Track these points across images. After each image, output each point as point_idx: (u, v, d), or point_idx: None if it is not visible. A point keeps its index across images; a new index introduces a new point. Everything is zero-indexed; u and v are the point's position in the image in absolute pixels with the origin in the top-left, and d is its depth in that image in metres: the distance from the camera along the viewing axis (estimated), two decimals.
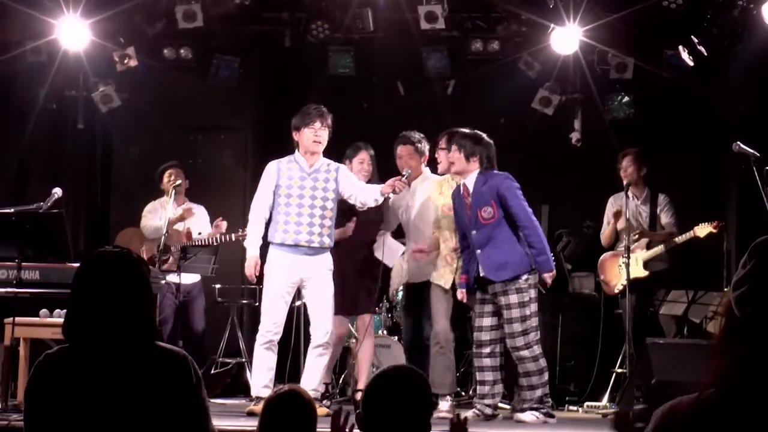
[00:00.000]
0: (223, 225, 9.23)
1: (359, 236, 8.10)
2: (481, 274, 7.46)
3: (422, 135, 8.34)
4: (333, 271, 7.60)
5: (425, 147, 8.31)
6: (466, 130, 7.68)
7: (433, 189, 8.13)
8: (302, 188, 7.53)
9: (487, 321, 7.48)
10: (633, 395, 7.68)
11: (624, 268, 8.62)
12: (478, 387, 7.59)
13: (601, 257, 9.22)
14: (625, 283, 8.64)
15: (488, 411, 7.45)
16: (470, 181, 7.52)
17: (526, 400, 7.42)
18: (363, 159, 8.09)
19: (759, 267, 1.99)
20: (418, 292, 8.22)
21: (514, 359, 7.42)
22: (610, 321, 9.33)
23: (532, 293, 7.40)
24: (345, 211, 7.85)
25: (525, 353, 7.33)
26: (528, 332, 7.33)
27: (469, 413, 7.43)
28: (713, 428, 1.92)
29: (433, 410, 3.12)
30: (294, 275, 7.49)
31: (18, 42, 9.57)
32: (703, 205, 9.43)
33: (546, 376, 7.45)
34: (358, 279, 8.06)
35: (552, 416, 7.45)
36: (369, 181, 7.94)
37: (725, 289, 8.81)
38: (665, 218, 9.06)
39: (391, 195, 7.59)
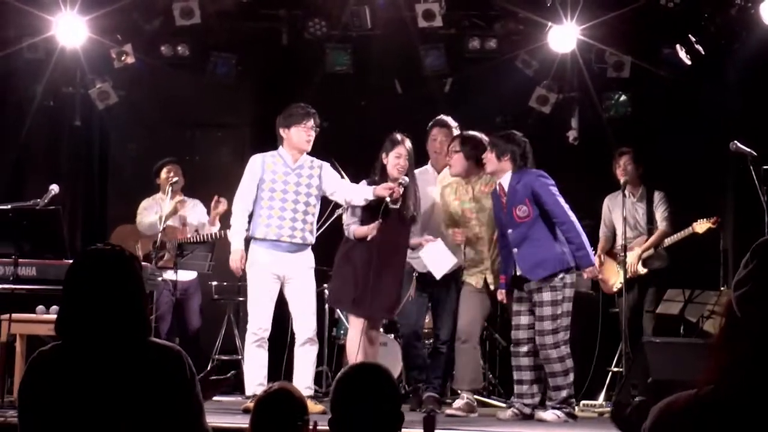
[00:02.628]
0: (222, 204, 8.86)
1: (397, 237, 7.65)
2: (517, 273, 7.43)
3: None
4: (363, 269, 7.48)
5: None
6: (501, 132, 7.63)
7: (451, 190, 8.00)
8: (286, 183, 7.55)
9: (524, 319, 7.43)
10: (629, 394, 7.68)
11: (622, 266, 8.62)
12: (515, 386, 7.53)
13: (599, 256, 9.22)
14: (623, 281, 8.64)
15: (527, 410, 7.40)
16: (505, 180, 7.48)
17: (551, 399, 7.38)
18: (400, 153, 7.56)
19: (761, 267, 1.99)
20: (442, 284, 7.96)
21: (540, 358, 7.36)
22: (607, 319, 9.33)
23: (567, 292, 7.33)
24: (371, 209, 7.51)
25: (552, 352, 7.26)
26: (557, 331, 7.26)
27: (507, 413, 7.47)
28: (710, 424, 1.93)
29: (400, 404, 3.14)
30: (277, 272, 7.51)
31: (15, 39, 9.56)
32: (701, 204, 9.42)
33: (572, 377, 7.39)
34: (393, 282, 7.66)
35: (574, 417, 7.40)
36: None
37: (722, 288, 8.81)
38: (658, 213, 9.08)
39: (387, 198, 7.37)
